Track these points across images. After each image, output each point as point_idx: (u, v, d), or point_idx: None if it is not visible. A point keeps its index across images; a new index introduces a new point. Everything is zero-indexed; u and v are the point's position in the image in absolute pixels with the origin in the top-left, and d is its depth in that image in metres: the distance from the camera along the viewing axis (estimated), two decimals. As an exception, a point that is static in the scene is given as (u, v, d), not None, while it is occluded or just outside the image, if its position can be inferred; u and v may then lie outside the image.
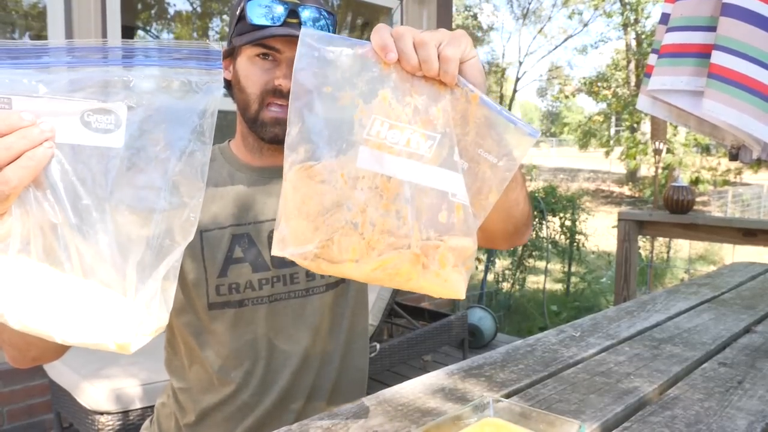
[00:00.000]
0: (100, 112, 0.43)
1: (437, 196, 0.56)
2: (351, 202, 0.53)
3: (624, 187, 18.24)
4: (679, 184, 3.14)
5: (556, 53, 43.11)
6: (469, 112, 0.59)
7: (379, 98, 0.55)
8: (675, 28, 1.61)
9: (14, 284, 0.44)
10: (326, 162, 0.53)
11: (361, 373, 1.11)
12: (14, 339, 0.68)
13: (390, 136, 0.55)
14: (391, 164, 0.55)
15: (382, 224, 0.54)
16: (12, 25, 2.72)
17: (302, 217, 0.53)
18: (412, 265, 0.55)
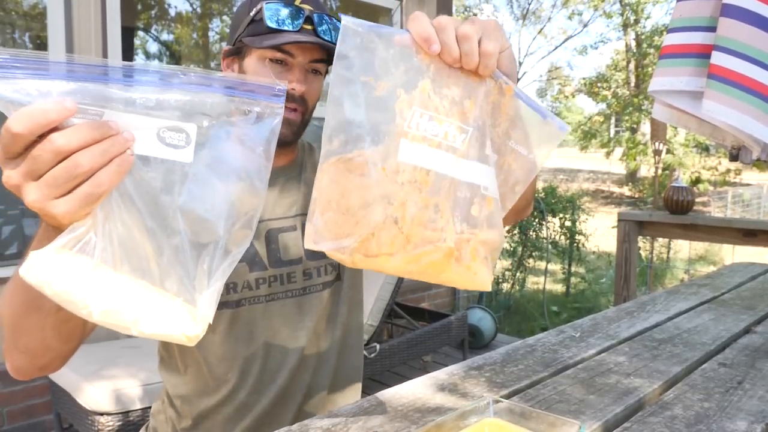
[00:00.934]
0: (174, 129, 0.49)
1: (470, 190, 0.56)
2: (392, 196, 0.52)
3: (624, 188, 18.24)
4: (679, 185, 3.15)
5: (555, 54, 43.13)
6: (502, 103, 0.59)
7: (419, 89, 0.54)
8: (675, 29, 1.61)
9: (97, 281, 0.48)
10: (367, 154, 0.52)
11: (356, 370, 1.11)
12: (33, 344, 0.69)
13: (429, 128, 0.54)
14: (430, 157, 0.54)
15: (420, 218, 0.53)
16: (12, 26, 2.72)
17: (341, 210, 0.52)
18: (446, 258, 0.55)
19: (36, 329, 0.66)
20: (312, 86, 0.96)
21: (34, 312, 0.64)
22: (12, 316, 0.67)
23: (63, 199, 0.47)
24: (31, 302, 0.63)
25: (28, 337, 0.68)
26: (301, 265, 1.01)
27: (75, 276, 0.48)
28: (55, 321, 0.65)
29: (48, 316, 0.64)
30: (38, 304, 0.63)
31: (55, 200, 0.48)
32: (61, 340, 0.69)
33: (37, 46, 2.77)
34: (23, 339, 0.69)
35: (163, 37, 4.06)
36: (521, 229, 5.58)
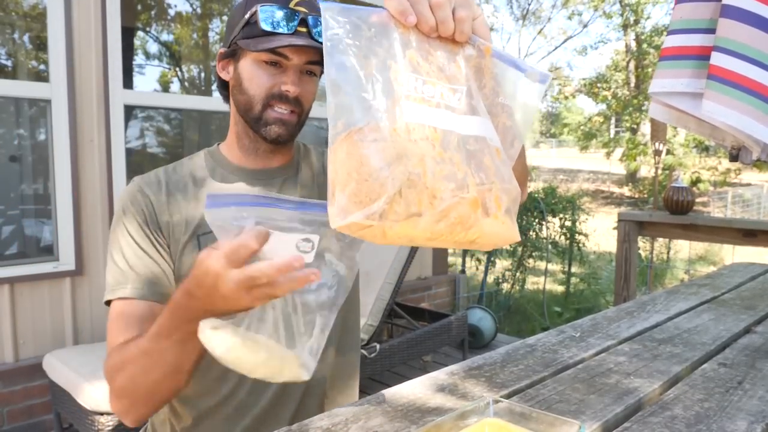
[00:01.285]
0: (305, 240, 0.66)
1: (478, 142, 0.58)
2: (409, 153, 0.53)
3: (624, 188, 18.24)
4: (679, 185, 3.15)
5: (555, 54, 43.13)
6: (484, 64, 0.62)
7: (407, 58, 0.57)
8: (675, 31, 1.61)
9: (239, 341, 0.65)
10: (375, 121, 0.53)
11: (353, 368, 1.11)
12: (167, 396, 0.83)
13: (426, 91, 0.56)
14: (433, 116, 0.56)
15: (440, 172, 0.54)
16: (12, 26, 2.72)
17: (363, 178, 0.52)
18: (473, 209, 0.55)
19: (172, 387, 0.81)
20: (307, 88, 0.97)
21: (176, 374, 0.78)
22: (152, 384, 0.80)
23: (256, 302, 0.65)
24: (176, 367, 0.77)
25: (163, 396, 0.82)
26: None
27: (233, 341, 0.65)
28: (191, 372, 0.80)
29: (188, 374, 0.79)
30: (180, 368, 0.78)
31: (252, 303, 0.65)
32: (188, 382, 0.82)
33: (37, 47, 2.78)
34: (157, 397, 0.82)
35: (163, 37, 4.06)
36: (521, 230, 5.58)
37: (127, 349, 0.82)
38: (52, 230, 2.55)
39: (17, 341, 2.44)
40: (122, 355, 0.82)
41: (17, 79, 2.73)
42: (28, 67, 2.85)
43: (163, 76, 4.17)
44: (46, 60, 2.49)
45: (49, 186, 2.55)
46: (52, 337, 2.51)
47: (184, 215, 0.96)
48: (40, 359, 2.37)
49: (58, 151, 2.50)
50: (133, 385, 0.81)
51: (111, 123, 2.62)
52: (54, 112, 2.48)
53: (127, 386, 0.82)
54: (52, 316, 2.51)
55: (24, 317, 2.44)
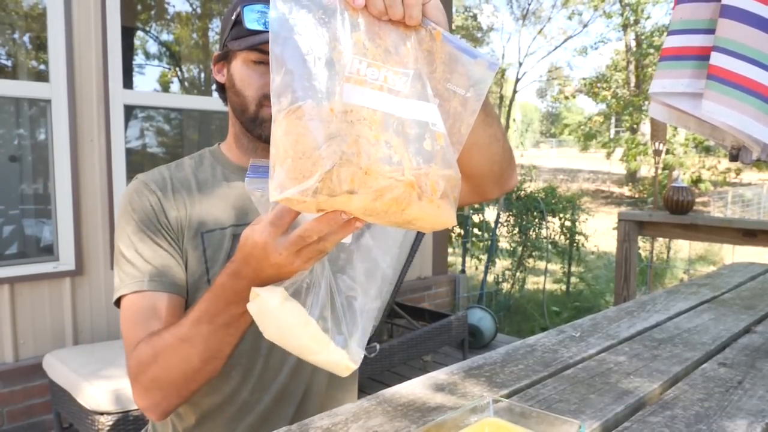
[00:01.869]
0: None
1: (419, 126, 0.58)
2: (344, 133, 0.54)
3: (624, 188, 18.24)
4: (679, 185, 3.15)
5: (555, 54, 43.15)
6: (435, 49, 0.62)
7: (353, 41, 0.57)
8: (675, 32, 1.61)
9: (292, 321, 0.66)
10: (312, 101, 0.54)
11: None
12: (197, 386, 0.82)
13: (369, 74, 0.57)
14: (373, 98, 0.57)
15: (375, 153, 0.55)
16: (12, 26, 2.72)
17: (298, 156, 0.54)
18: (408, 192, 0.56)
19: (211, 373, 0.81)
20: None
21: (214, 360, 0.79)
22: (187, 372, 0.80)
23: (305, 264, 0.65)
24: (218, 352, 0.78)
25: (198, 383, 0.82)
26: None
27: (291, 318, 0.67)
28: (227, 359, 0.80)
29: (225, 359, 0.79)
30: (219, 354, 0.78)
31: (302, 265, 0.65)
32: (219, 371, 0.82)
33: (37, 47, 2.78)
34: (192, 386, 0.82)
35: (163, 37, 4.06)
36: (521, 229, 5.58)
37: (160, 339, 0.81)
38: (52, 230, 2.55)
39: (17, 341, 2.44)
40: (154, 346, 0.81)
41: (17, 79, 2.73)
42: (28, 67, 2.85)
43: (163, 76, 4.17)
44: (46, 60, 2.49)
45: (49, 186, 2.55)
46: (52, 337, 2.51)
47: (188, 213, 0.96)
48: (40, 359, 2.37)
49: (58, 151, 2.50)
50: (169, 375, 0.81)
51: (111, 123, 2.62)
52: (54, 112, 2.48)
53: (161, 377, 0.81)
54: (52, 316, 2.51)
55: (24, 317, 2.44)
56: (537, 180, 8.83)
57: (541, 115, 39.82)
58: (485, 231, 6.13)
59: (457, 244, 6.21)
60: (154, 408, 0.85)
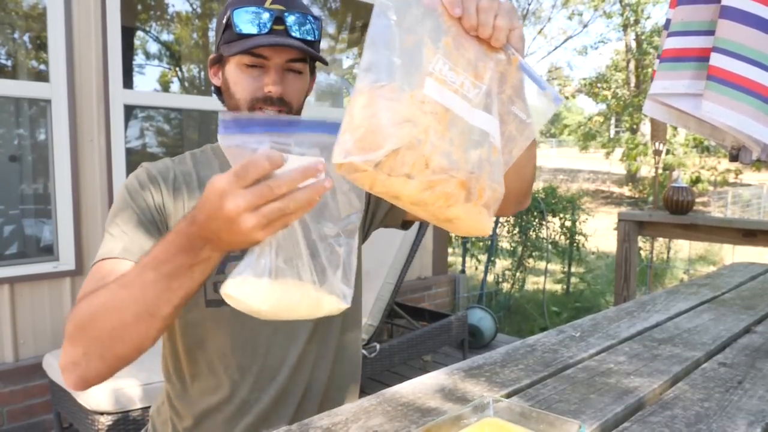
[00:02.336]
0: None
1: (481, 135, 0.63)
2: (418, 120, 0.58)
3: (624, 188, 18.24)
4: (679, 185, 3.15)
5: (555, 54, 43.12)
6: (509, 72, 0.67)
7: (443, 42, 0.62)
8: (675, 33, 1.61)
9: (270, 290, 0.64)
10: (397, 84, 0.59)
11: (355, 368, 1.12)
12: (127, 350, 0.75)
13: (449, 76, 0.62)
14: (449, 98, 0.61)
15: (439, 146, 0.59)
16: (12, 26, 2.72)
17: (372, 128, 0.57)
18: (458, 190, 0.61)
19: (141, 335, 0.73)
20: (291, 86, 0.96)
21: (148, 318, 0.71)
22: (116, 328, 0.72)
23: (264, 230, 0.60)
24: (149, 310, 0.70)
25: (126, 344, 0.74)
26: None
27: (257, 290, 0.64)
28: (164, 323, 0.72)
29: (162, 321, 0.72)
30: (155, 311, 0.70)
31: (260, 230, 0.60)
32: (156, 339, 0.75)
33: (37, 47, 2.77)
34: (118, 346, 0.74)
35: (163, 37, 4.06)
36: (521, 229, 5.58)
37: (103, 287, 0.75)
38: (52, 230, 2.55)
39: (17, 341, 2.44)
40: (96, 294, 0.76)
41: (17, 79, 2.73)
42: (28, 67, 2.85)
43: (163, 76, 4.17)
44: (46, 60, 2.49)
45: (49, 186, 2.55)
46: (52, 337, 2.51)
47: (185, 207, 0.96)
48: (40, 359, 2.37)
49: (58, 151, 2.50)
50: (95, 324, 0.74)
51: (111, 123, 2.62)
52: (54, 112, 2.48)
53: (88, 326, 0.74)
54: (52, 316, 2.51)
55: (24, 317, 2.44)
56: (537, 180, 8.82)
57: (541, 115, 39.70)
58: (485, 231, 6.11)
59: (457, 244, 6.21)
60: (72, 368, 0.76)
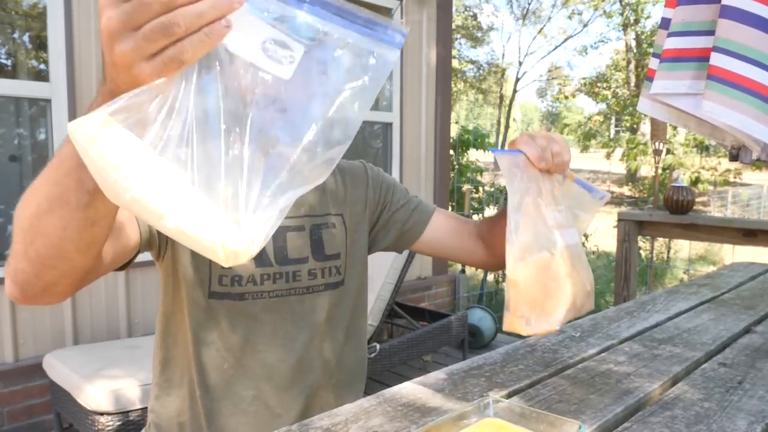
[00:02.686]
0: (281, 44, 0.46)
1: (577, 247, 0.79)
2: (570, 272, 0.74)
3: (624, 188, 18.24)
4: (679, 185, 3.14)
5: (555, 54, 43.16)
6: (565, 186, 0.82)
7: (544, 192, 0.77)
8: (676, 33, 1.61)
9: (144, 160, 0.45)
10: (546, 253, 0.72)
11: (359, 373, 1.12)
12: (47, 249, 0.63)
13: (556, 217, 0.76)
14: (565, 237, 0.77)
15: (578, 281, 0.76)
16: (12, 26, 2.72)
17: (548, 296, 0.71)
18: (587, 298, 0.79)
19: (57, 228, 0.61)
20: None
21: (61, 206, 0.60)
22: (33, 215, 0.62)
23: (149, 62, 0.45)
24: (61, 194, 0.59)
25: (44, 239, 0.63)
26: (306, 265, 1.01)
27: (123, 147, 0.44)
28: (80, 220, 0.61)
29: (75, 212, 0.60)
30: (67, 196, 0.59)
31: (142, 61, 0.45)
32: (79, 247, 0.64)
33: (37, 46, 2.77)
34: (38, 241, 0.63)
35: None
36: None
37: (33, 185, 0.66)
38: (52, 230, 2.55)
39: (17, 341, 2.44)
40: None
41: (17, 79, 2.73)
42: (28, 66, 2.85)
43: (163, 75, 4.17)
44: (46, 59, 2.49)
45: (49, 186, 2.55)
46: (52, 337, 2.52)
47: None
48: (40, 359, 2.37)
49: (58, 150, 2.50)
50: (18, 215, 0.66)
51: (111, 123, 2.62)
52: (54, 112, 2.48)
53: (15, 219, 0.67)
54: (52, 316, 2.51)
55: (24, 317, 2.44)
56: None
57: (541, 115, 39.81)
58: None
59: (457, 244, 6.18)
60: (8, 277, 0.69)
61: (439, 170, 4.24)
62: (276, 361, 0.99)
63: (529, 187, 0.75)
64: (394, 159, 4.01)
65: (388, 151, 4.02)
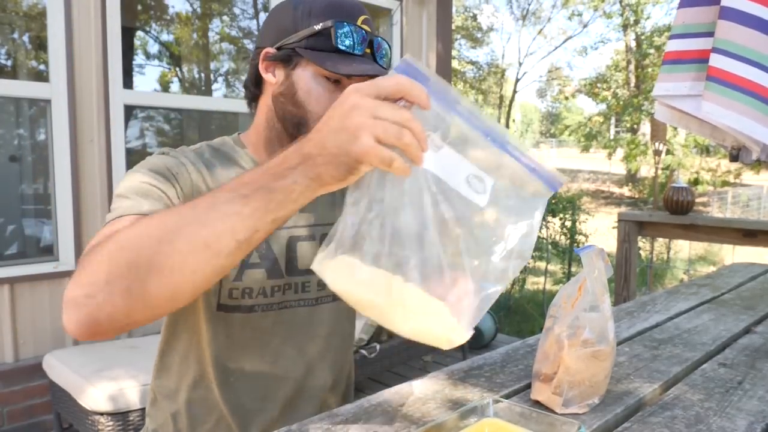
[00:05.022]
0: (478, 178, 0.59)
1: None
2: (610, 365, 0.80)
3: (624, 188, 18.25)
4: (679, 185, 3.14)
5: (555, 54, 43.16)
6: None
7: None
8: (677, 35, 1.62)
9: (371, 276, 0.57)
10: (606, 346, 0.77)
11: (350, 374, 1.12)
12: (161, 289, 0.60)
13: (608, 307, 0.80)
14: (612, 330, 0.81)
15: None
16: (11, 26, 2.72)
17: (590, 384, 0.76)
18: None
19: (186, 270, 0.60)
20: None
21: (203, 249, 0.59)
22: (158, 253, 0.60)
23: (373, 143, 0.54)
24: (207, 237, 0.59)
25: (165, 279, 0.60)
26: (316, 275, 1.00)
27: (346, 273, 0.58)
28: (215, 266, 0.60)
29: (215, 258, 0.60)
30: (214, 240, 0.59)
31: (370, 137, 0.54)
32: (195, 291, 0.63)
33: (37, 46, 2.77)
34: (154, 280, 0.60)
35: (163, 37, 4.06)
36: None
37: (140, 220, 0.66)
38: (52, 230, 2.55)
39: (17, 341, 2.44)
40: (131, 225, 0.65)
41: (17, 79, 2.73)
42: (28, 67, 2.85)
43: (163, 76, 4.17)
44: (46, 60, 2.50)
45: (49, 186, 2.55)
46: (52, 337, 2.51)
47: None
48: (40, 359, 2.37)
49: (58, 151, 2.50)
50: (133, 247, 0.61)
51: (111, 123, 2.62)
52: (54, 112, 2.48)
53: (125, 248, 0.61)
54: (52, 316, 2.51)
55: (24, 317, 2.44)
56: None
57: (541, 115, 39.81)
58: (485, 231, 6.11)
59: (457, 245, 6.19)
60: (82, 302, 0.61)
61: (439, 170, 4.24)
62: (283, 372, 0.98)
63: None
64: (394, 159, 4.01)
65: (388, 152, 4.02)
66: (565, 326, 0.75)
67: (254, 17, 3.92)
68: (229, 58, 4.18)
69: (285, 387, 0.98)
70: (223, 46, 4.17)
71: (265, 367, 0.97)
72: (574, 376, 0.74)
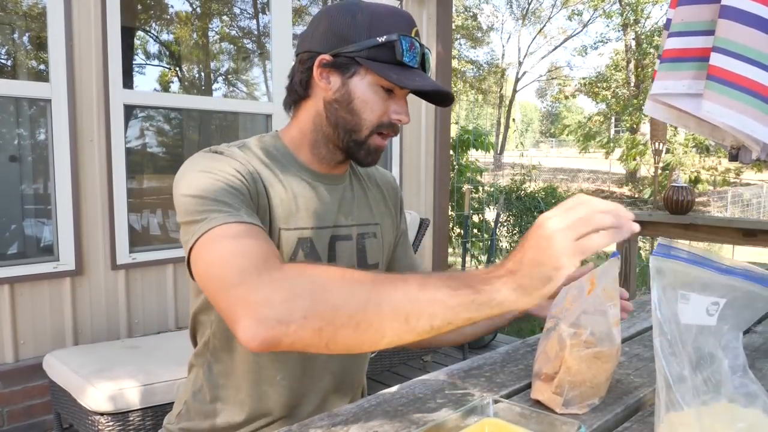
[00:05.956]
0: (715, 305, 0.66)
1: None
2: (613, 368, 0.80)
3: (624, 188, 18.24)
4: (679, 185, 3.14)
5: (555, 54, 43.15)
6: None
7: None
8: (676, 33, 1.61)
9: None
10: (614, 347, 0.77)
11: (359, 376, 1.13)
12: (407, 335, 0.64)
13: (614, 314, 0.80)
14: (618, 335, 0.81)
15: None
16: (11, 26, 2.72)
17: (591, 386, 0.77)
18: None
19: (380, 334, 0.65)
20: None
21: (403, 323, 0.64)
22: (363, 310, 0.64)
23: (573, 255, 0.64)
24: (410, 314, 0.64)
25: (359, 333, 0.64)
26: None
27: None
28: (401, 340, 0.65)
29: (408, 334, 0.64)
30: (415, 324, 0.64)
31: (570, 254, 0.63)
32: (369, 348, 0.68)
33: (37, 46, 2.77)
34: (348, 332, 0.64)
35: (163, 37, 4.06)
36: (521, 229, 5.58)
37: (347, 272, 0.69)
38: (52, 230, 2.55)
39: (17, 341, 2.44)
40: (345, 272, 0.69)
41: (17, 79, 2.73)
42: (28, 66, 2.85)
43: (163, 76, 4.17)
44: (46, 60, 2.50)
45: (49, 186, 2.55)
46: (52, 337, 2.52)
47: (271, 204, 0.93)
48: (40, 359, 2.37)
49: (58, 151, 2.50)
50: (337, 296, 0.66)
51: (111, 123, 2.62)
52: (54, 112, 2.48)
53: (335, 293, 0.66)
54: (52, 316, 2.51)
55: (24, 317, 2.44)
56: (537, 180, 8.82)
57: (540, 115, 39.82)
58: (485, 231, 6.13)
59: (457, 244, 6.21)
60: (272, 324, 0.65)
61: (439, 170, 4.24)
62: (320, 369, 0.99)
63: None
64: (393, 159, 4.01)
65: (388, 152, 4.02)
66: (568, 326, 0.75)
67: (254, 17, 3.92)
68: (229, 58, 4.18)
69: (323, 384, 1.00)
70: (223, 46, 4.17)
71: (308, 361, 0.98)
72: (575, 376, 0.74)
